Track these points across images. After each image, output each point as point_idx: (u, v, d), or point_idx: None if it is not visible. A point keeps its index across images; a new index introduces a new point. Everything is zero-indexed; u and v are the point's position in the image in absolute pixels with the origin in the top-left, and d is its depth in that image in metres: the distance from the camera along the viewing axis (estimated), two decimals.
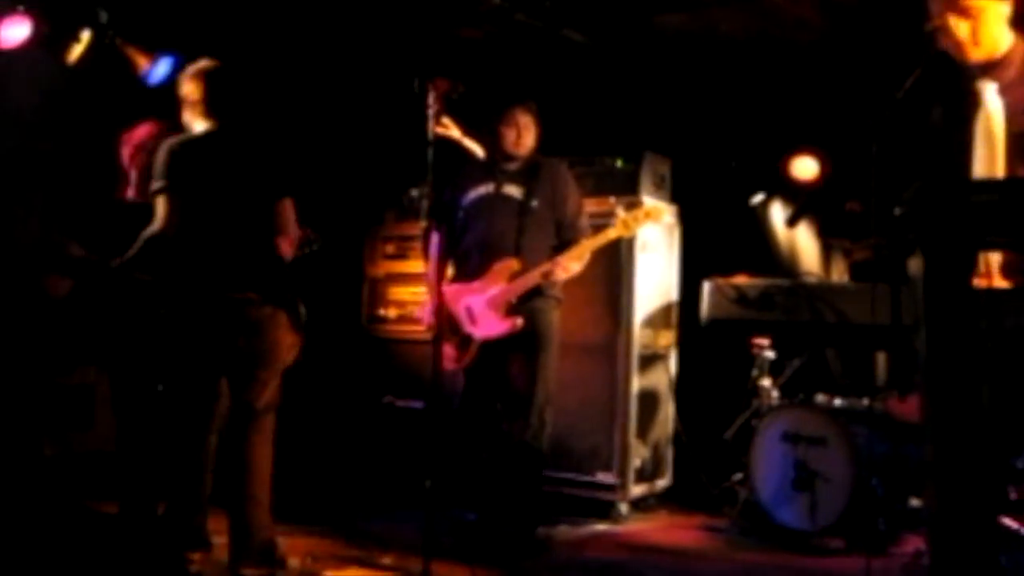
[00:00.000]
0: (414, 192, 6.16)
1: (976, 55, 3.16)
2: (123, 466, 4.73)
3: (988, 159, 3.02)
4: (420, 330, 5.93)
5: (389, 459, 5.89)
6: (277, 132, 4.42)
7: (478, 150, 5.28)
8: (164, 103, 5.34)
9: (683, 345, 6.00)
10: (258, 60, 6.06)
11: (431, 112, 4.10)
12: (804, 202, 5.11)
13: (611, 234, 4.91)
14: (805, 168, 5.96)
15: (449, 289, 4.89)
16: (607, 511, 5.50)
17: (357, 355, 6.31)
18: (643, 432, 5.67)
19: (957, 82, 3.20)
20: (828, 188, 5.50)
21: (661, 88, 6.27)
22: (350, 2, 5.71)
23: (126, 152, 4.86)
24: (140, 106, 5.18)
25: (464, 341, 4.87)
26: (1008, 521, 4.31)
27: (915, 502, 5.06)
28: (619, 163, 5.71)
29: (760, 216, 6.23)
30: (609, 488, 5.51)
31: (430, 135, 4.07)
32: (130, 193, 4.87)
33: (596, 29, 5.86)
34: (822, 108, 5.78)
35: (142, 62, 5.27)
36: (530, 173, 4.95)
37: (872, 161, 2.97)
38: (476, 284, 4.86)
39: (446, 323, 4.83)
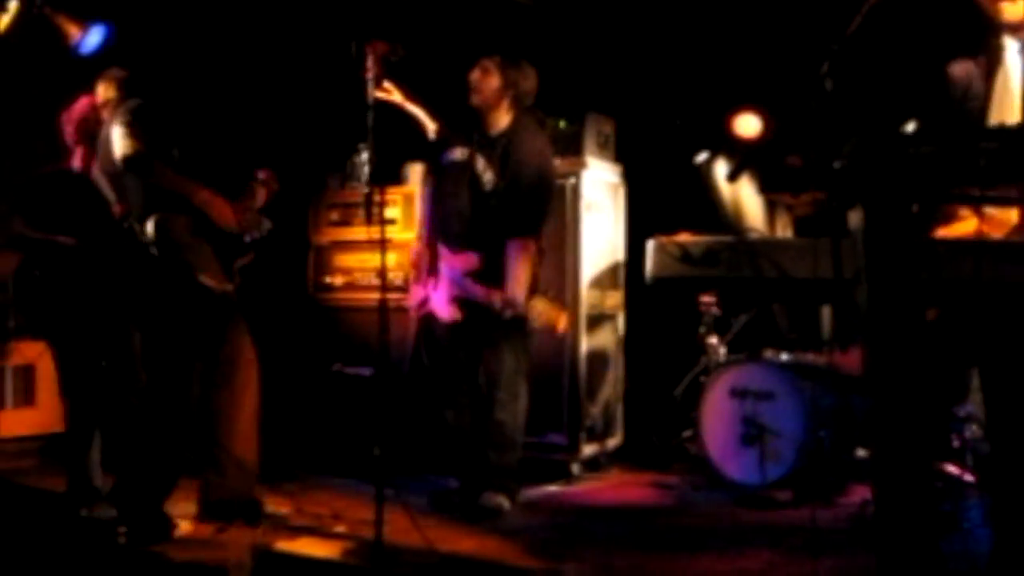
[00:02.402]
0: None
1: (1010, 14, 3.15)
2: (72, 444, 4.69)
3: (1002, 114, 3.05)
4: (367, 297, 5.90)
5: (340, 427, 5.87)
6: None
7: (421, 114, 5.22)
8: (96, 73, 5.25)
9: (631, 304, 6.02)
10: (192, 25, 5.96)
11: (370, 76, 4.05)
12: (744, 157, 5.12)
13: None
14: (748, 125, 5.98)
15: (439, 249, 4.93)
16: (559, 472, 5.52)
17: (304, 323, 6.27)
18: (593, 392, 5.70)
19: (984, 35, 3.21)
20: (769, 143, 5.53)
21: (603, 48, 6.25)
22: None
23: (69, 129, 4.83)
24: (71, 76, 5.09)
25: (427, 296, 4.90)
26: (951, 468, 4.40)
27: (862, 453, 5.15)
28: (562, 124, 5.69)
29: (705, 174, 6.23)
30: (561, 449, 5.54)
31: (369, 100, 4.02)
32: (76, 163, 4.83)
33: None
34: (764, 64, 5.79)
35: (73, 32, 5.15)
36: (504, 144, 4.81)
37: (812, 115, 2.98)
38: (453, 259, 4.82)
39: (426, 269, 4.92)
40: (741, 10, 5.79)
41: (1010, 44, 3.15)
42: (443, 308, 4.82)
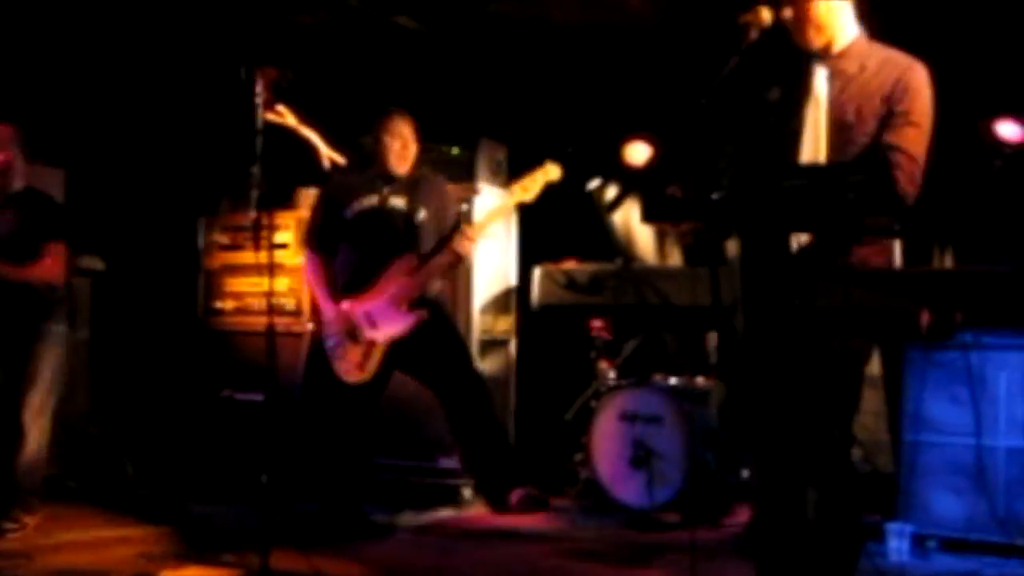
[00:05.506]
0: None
1: (811, 42, 3.21)
2: None
3: (813, 144, 3.13)
4: (259, 322, 5.84)
5: (230, 453, 5.79)
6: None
7: (315, 138, 5.22)
8: None
9: (523, 329, 6.07)
10: (82, 45, 5.88)
11: (259, 101, 4.04)
12: (624, 186, 5.23)
13: (511, 201, 4.99)
14: (639, 153, 6.08)
15: (344, 303, 4.79)
16: (450, 496, 5.51)
17: (194, 348, 6.18)
18: None
19: (794, 64, 3.28)
20: (651, 173, 5.64)
21: (496, 74, 6.31)
22: None
23: None
24: None
25: (368, 348, 4.75)
26: None
27: (746, 474, 5.26)
28: (455, 150, 5.73)
29: (597, 200, 6.33)
30: (452, 473, 5.53)
31: (258, 125, 4.01)
32: None
33: (429, 16, 5.86)
34: (656, 93, 5.91)
35: None
36: (413, 185, 4.89)
37: (690, 147, 3.06)
38: (372, 291, 4.75)
39: (346, 334, 4.76)
40: (633, 40, 5.91)
41: (819, 71, 3.22)
42: (402, 322, 4.71)
